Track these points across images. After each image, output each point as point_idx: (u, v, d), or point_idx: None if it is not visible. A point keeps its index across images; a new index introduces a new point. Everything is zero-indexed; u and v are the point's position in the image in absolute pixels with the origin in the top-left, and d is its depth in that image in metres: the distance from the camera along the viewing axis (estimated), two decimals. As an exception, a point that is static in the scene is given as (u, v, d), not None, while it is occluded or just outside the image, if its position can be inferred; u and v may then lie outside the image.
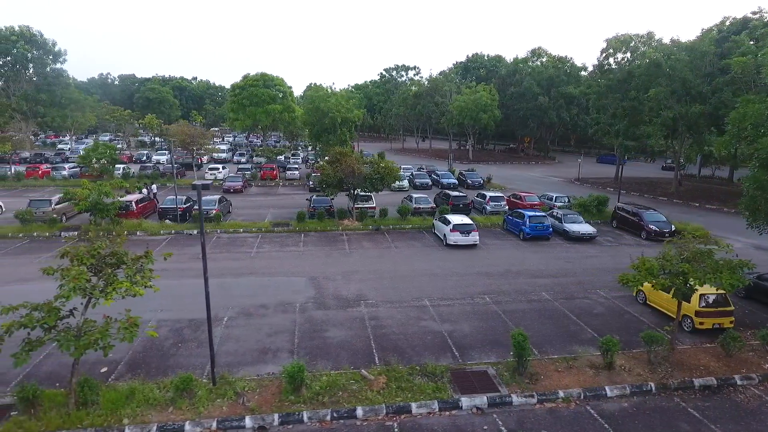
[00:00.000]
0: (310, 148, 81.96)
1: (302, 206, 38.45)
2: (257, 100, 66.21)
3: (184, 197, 33.51)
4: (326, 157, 51.11)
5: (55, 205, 31.30)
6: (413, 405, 12.44)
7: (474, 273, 23.21)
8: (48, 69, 65.62)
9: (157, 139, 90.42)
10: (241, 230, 30.43)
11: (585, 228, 29.22)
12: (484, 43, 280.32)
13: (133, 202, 31.85)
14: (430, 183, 48.41)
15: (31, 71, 65.52)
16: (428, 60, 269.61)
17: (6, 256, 24.84)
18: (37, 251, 25.70)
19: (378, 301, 19.49)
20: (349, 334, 16.59)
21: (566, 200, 36.92)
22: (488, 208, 35.38)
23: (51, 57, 65.81)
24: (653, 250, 27.38)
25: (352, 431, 11.69)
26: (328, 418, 12.02)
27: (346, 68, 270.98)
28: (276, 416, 11.89)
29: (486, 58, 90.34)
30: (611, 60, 50.30)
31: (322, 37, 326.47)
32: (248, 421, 11.75)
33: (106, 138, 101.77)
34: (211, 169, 52.03)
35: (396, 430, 11.71)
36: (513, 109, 73.68)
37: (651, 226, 29.43)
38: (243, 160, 65.89)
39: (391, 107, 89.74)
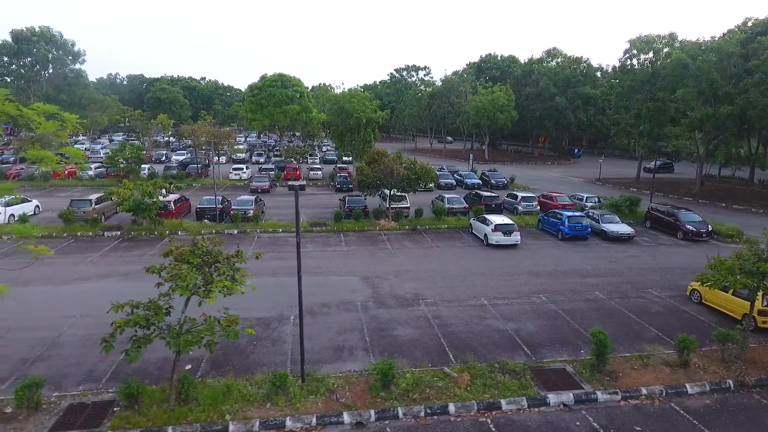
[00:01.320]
0: (326, 148, 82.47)
1: (332, 206, 38.84)
2: (275, 101, 66.47)
3: (220, 197, 33.81)
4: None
5: (95, 204, 31.61)
6: (503, 402, 12.68)
7: (522, 272, 23.44)
8: (67, 69, 66.15)
9: (171, 139, 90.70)
10: (280, 230, 30.71)
11: (623, 228, 29.44)
12: (493, 44, 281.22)
13: (171, 202, 32.13)
14: (455, 183, 48.64)
15: (50, 71, 66.00)
16: (437, 60, 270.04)
17: (58, 255, 25.11)
18: (85, 250, 26.01)
19: (436, 301, 19.73)
20: (418, 333, 16.84)
21: (596, 200, 37.12)
22: (520, 208, 35.60)
23: (70, 57, 66.34)
24: (692, 250, 27.84)
25: (446, 427, 11.94)
26: (422, 414, 12.27)
27: (354, 68, 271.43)
28: (372, 412, 12.14)
29: (499, 58, 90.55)
30: (634, 61, 50.45)
31: (329, 37, 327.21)
32: (346, 417, 11.99)
33: (119, 138, 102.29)
34: (234, 169, 52.35)
35: (491, 426, 11.95)
36: (529, 110, 73.85)
37: (688, 227, 29.63)
38: (261, 160, 66.18)
39: (404, 107, 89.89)
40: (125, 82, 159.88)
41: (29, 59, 62.19)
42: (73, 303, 18.99)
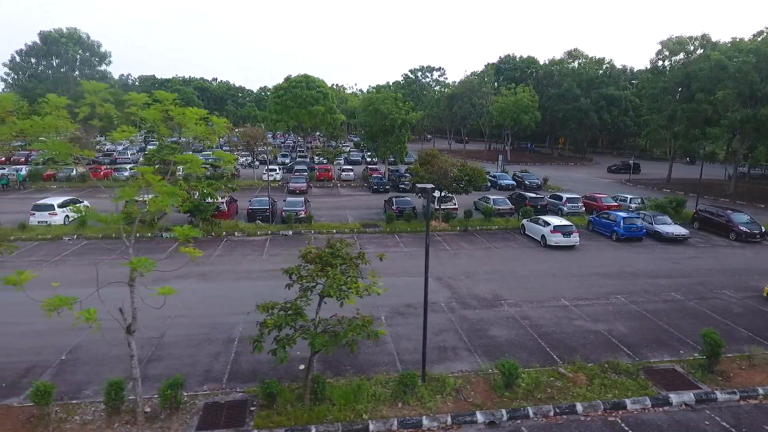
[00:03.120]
0: (347, 148, 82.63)
1: (374, 207, 39.10)
2: (301, 102, 66.72)
3: (268, 199, 34.04)
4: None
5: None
6: (627, 401, 12.84)
7: (590, 274, 23.61)
8: (95, 70, 66.51)
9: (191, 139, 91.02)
10: (334, 231, 30.90)
11: (677, 229, 29.59)
12: (505, 45, 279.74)
13: (224, 203, 32.37)
14: (489, 184, 48.75)
15: (77, 73, 66.27)
16: (449, 61, 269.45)
17: (123, 256, 25.33)
18: (152, 251, 26.22)
19: (517, 302, 19.90)
20: (513, 333, 17.02)
21: (640, 201, 37.26)
22: (565, 209, 35.75)
23: (97, 59, 66.67)
24: (749, 252, 28.02)
25: (579, 426, 12.11)
26: (552, 413, 12.45)
27: (366, 69, 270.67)
28: (504, 412, 12.32)
29: (518, 59, 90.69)
30: (666, 62, 50.58)
31: (339, 38, 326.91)
32: (479, 417, 12.17)
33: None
34: (269, 169, 52.52)
35: (622, 425, 12.12)
36: (552, 111, 73.98)
37: (742, 228, 29.76)
38: (286, 161, 66.44)
39: (425, 108, 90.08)
40: (137, 83, 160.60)
41: (58, 60, 62.56)
42: (164, 304, 19.17)
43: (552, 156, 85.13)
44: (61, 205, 31.02)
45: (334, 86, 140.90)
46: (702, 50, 47.65)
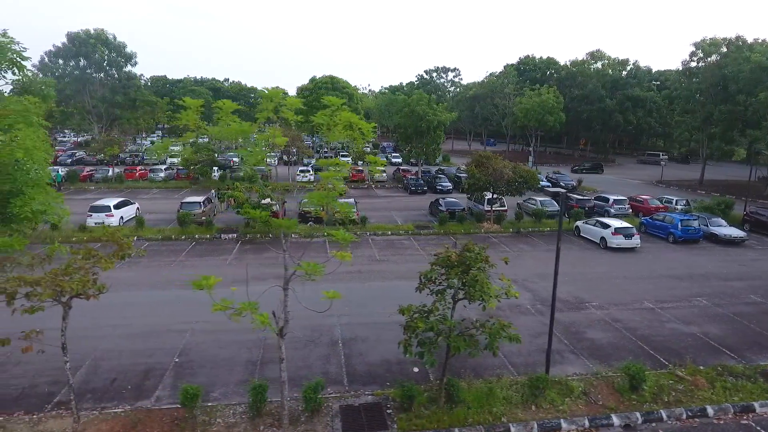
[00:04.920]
0: (367, 149, 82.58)
1: (417, 208, 39.18)
2: (326, 103, 66.71)
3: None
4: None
5: (204, 207, 32.00)
6: (755, 404, 12.90)
7: (661, 276, 23.64)
8: (122, 72, 66.64)
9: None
10: (389, 232, 30.98)
11: (735, 231, 29.60)
12: (518, 45, 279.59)
13: (278, 205, 32.40)
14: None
15: (103, 74, 66.28)
16: (461, 62, 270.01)
17: (192, 257, 25.49)
18: (215, 253, 26.34)
19: (602, 304, 19.95)
20: (610, 336, 17.08)
21: (685, 203, 37.27)
22: (612, 211, 35.75)
23: (123, 59, 66.74)
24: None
25: (713, 429, 12.16)
26: (684, 416, 12.50)
27: (377, 70, 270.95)
28: (638, 414, 12.38)
29: (538, 60, 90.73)
30: (701, 63, 50.57)
31: (349, 38, 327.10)
32: (615, 419, 12.24)
33: (153, 139, 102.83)
34: (301, 171, 52.75)
35: (757, 428, 12.17)
36: (575, 112, 73.97)
37: (799, 230, 29.77)
38: (312, 161, 66.42)
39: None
40: (149, 84, 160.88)
41: (84, 61, 62.68)
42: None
43: (572, 157, 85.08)
44: (116, 206, 31.14)
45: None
46: (736, 52, 47.56)
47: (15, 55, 10.93)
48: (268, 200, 29.48)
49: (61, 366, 14.33)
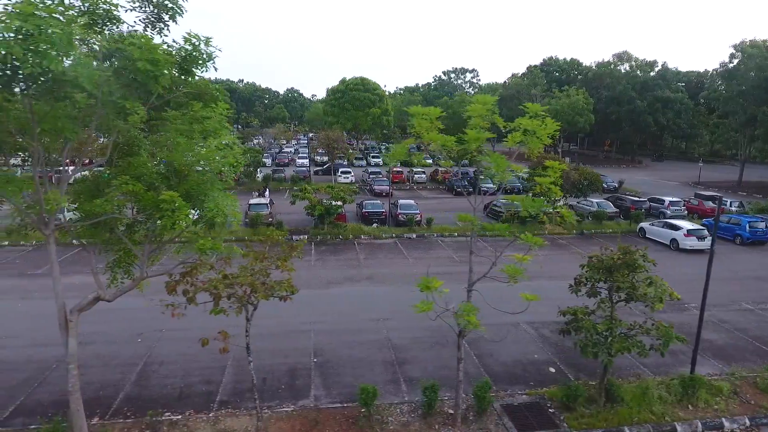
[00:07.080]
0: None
1: (463, 209, 39.31)
2: (359, 104, 67.25)
3: (380, 202, 34.45)
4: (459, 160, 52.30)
5: (269, 209, 32.34)
6: None
7: (746, 277, 23.93)
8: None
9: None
10: (456, 234, 31.25)
11: (800, 233, 29.82)
12: (536, 46, 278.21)
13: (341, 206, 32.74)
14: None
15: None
16: (478, 63, 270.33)
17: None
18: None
19: (699, 305, 20.16)
20: (724, 337, 17.52)
21: (739, 205, 37.49)
22: (668, 212, 36.02)
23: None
24: None
25: None
26: (838, 416, 12.74)
27: (391, 70, 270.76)
28: (793, 414, 12.63)
29: (562, 61, 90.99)
30: (741, 66, 50.74)
31: (362, 38, 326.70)
32: (775, 419, 12.49)
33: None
34: (343, 172, 53.08)
35: None
36: (604, 113, 74.20)
37: None
38: (345, 163, 66.81)
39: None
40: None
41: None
42: (349, 308, 19.59)
43: (598, 158, 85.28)
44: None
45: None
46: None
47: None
48: (339, 202, 30.21)
49: (209, 365, 14.74)
